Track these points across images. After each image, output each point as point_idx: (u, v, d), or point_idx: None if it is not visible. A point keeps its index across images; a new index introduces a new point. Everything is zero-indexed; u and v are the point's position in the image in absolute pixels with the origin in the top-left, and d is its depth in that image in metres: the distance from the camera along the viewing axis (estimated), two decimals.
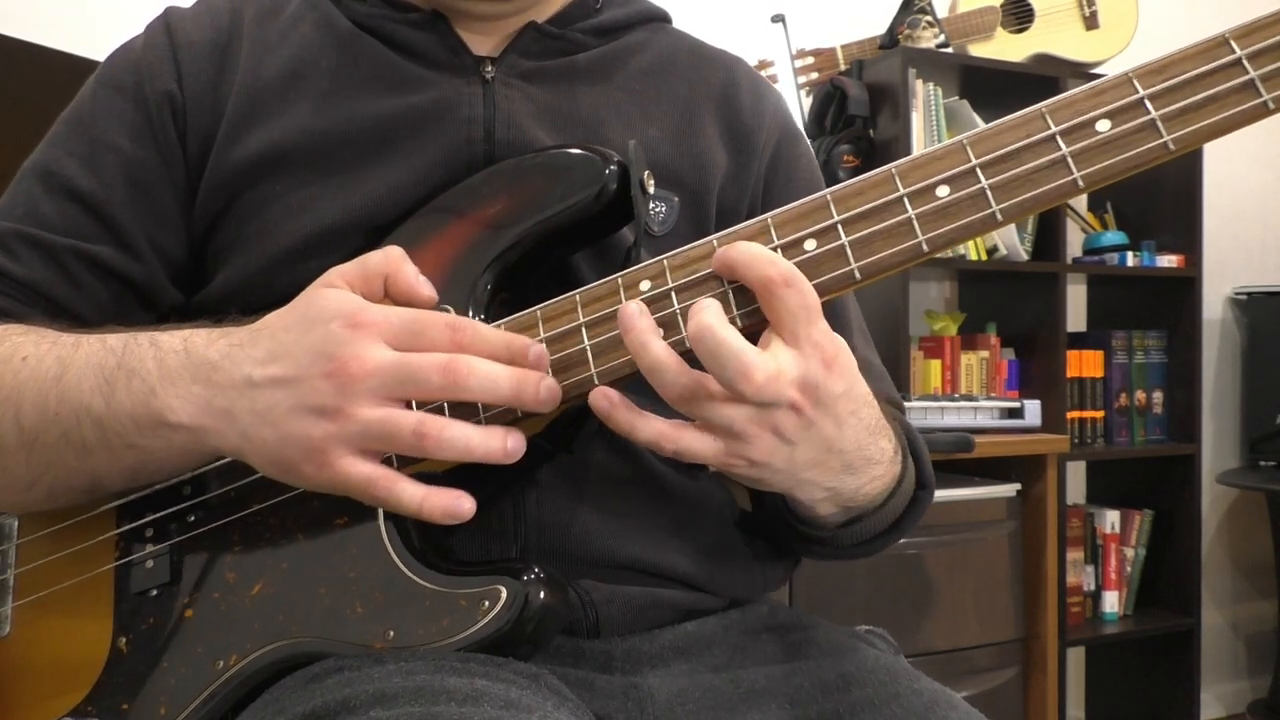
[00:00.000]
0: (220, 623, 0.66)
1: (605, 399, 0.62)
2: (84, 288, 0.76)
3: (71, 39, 1.54)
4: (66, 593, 0.72)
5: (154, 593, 0.69)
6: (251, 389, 0.61)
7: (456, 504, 0.61)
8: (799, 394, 0.59)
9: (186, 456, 0.66)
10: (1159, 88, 0.58)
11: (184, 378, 0.63)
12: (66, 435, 0.66)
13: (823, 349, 0.59)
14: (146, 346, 0.65)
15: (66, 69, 1.44)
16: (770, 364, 0.58)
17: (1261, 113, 0.57)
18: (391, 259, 0.65)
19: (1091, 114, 0.59)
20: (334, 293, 0.62)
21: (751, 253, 0.60)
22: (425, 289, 0.65)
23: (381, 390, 0.60)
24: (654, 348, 0.60)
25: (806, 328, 0.59)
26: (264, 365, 0.61)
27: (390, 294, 0.65)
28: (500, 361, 0.62)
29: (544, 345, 0.63)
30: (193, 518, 0.69)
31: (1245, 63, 0.57)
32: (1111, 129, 0.58)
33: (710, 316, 0.58)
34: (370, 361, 0.59)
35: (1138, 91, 0.58)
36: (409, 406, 0.61)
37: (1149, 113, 0.58)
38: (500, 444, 0.61)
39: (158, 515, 0.70)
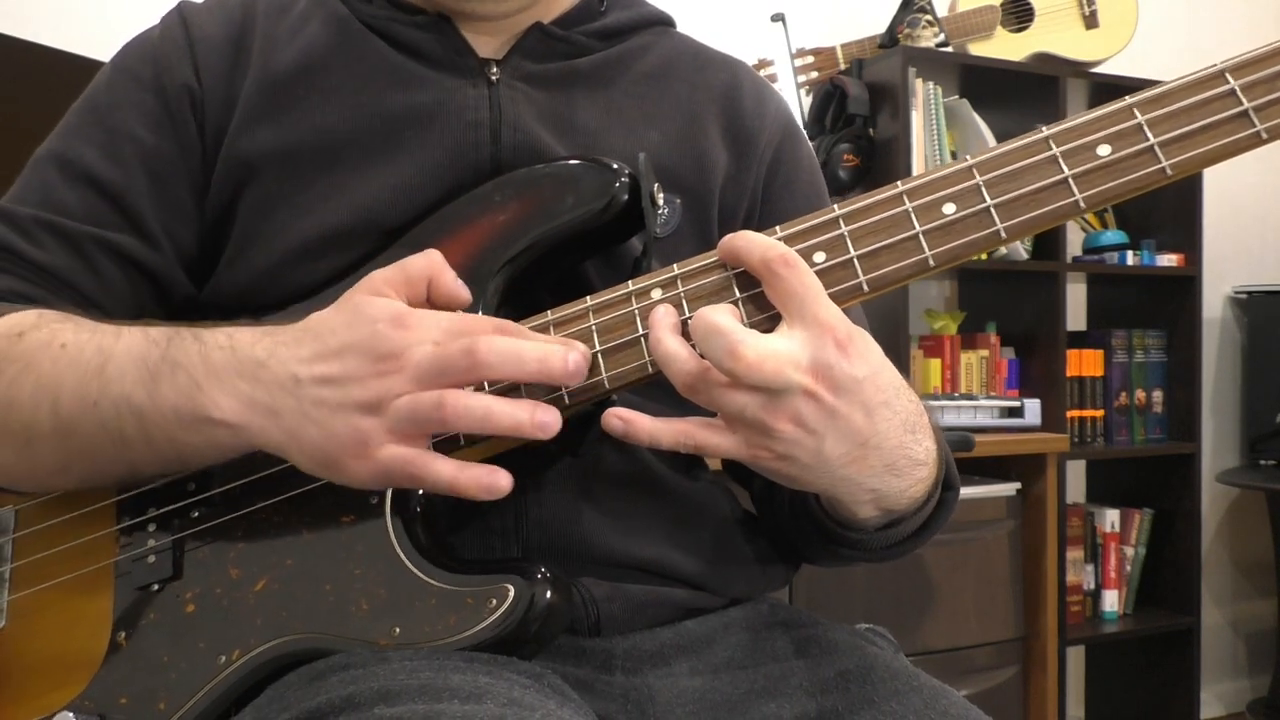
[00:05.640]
0: (223, 618, 0.66)
1: (618, 419, 0.62)
2: (104, 276, 0.76)
3: (73, 39, 1.54)
4: (65, 586, 0.72)
5: (155, 587, 0.69)
6: (298, 387, 0.62)
7: (492, 478, 0.61)
8: (811, 379, 0.58)
9: (225, 452, 0.66)
10: (1157, 115, 0.60)
11: (229, 374, 0.63)
12: (104, 425, 0.66)
13: (834, 329, 0.59)
14: (191, 341, 0.66)
15: (66, 69, 1.44)
16: (764, 344, 0.58)
17: (1255, 142, 0.60)
18: (434, 263, 0.65)
19: (1093, 138, 0.61)
20: (379, 299, 0.63)
21: (751, 238, 0.61)
22: (464, 292, 0.66)
23: (416, 382, 0.61)
24: (665, 340, 0.61)
25: (812, 307, 0.59)
26: (310, 364, 0.62)
27: (432, 298, 0.66)
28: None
29: (581, 344, 0.63)
30: (196, 513, 0.69)
31: (1239, 94, 0.59)
32: (1112, 153, 0.61)
33: (707, 307, 0.60)
34: (414, 358, 0.61)
35: (1137, 118, 0.61)
36: None
37: (1148, 139, 0.60)
38: (527, 415, 0.61)
39: (160, 511, 0.70)
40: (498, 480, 0.61)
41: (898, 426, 0.63)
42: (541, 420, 0.61)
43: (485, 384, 0.63)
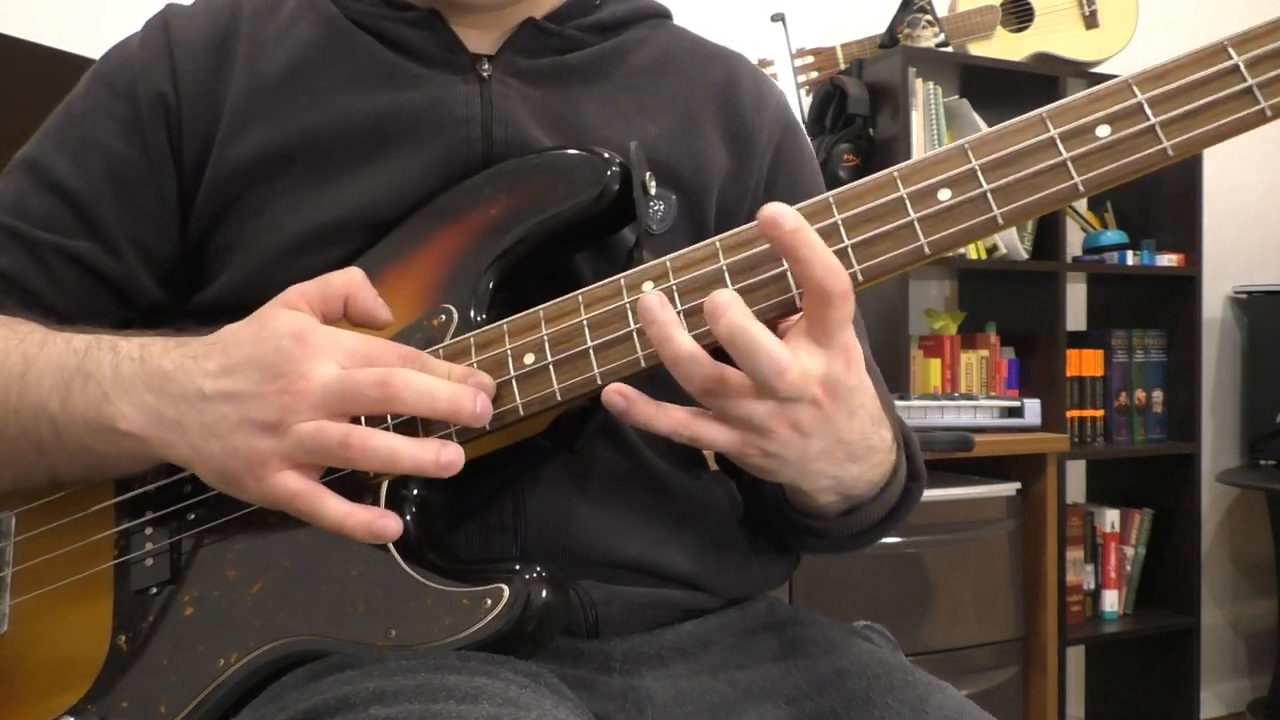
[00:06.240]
0: (221, 620, 0.66)
1: (620, 396, 0.62)
2: (61, 282, 0.77)
3: (73, 39, 1.54)
4: (65, 590, 0.72)
5: (154, 590, 0.69)
6: (202, 401, 0.62)
7: (380, 522, 0.61)
8: (821, 390, 0.60)
9: (140, 462, 0.67)
10: (1158, 93, 0.58)
11: (137, 386, 0.64)
12: (25, 432, 0.68)
13: (848, 349, 0.60)
14: (106, 352, 0.67)
15: (66, 69, 1.44)
16: (801, 363, 0.59)
17: (1259, 120, 0.57)
18: (353, 281, 0.66)
19: (1091, 119, 0.59)
20: (289, 312, 0.64)
21: (826, 260, 0.58)
22: (383, 312, 0.67)
23: (322, 407, 0.60)
24: (678, 339, 0.59)
25: (841, 334, 0.59)
26: (215, 379, 0.62)
27: (349, 315, 0.66)
28: None
29: (487, 376, 0.64)
30: (193, 515, 0.69)
31: (1243, 70, 0.57)
32: (1112, 134, 0.58)
33: (739, 315, 0.58)
34: (315, 379, 0.60)
35: (1137, 97, 0.58)
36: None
37: (1148, 119, 0.58)
38: (432, 455, 0.61)
39: (158, 513, 0.70)
40: (387, 525, 0.61)
41: (866, 420, 0.65)
42: (446, 460, 0.61)
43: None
